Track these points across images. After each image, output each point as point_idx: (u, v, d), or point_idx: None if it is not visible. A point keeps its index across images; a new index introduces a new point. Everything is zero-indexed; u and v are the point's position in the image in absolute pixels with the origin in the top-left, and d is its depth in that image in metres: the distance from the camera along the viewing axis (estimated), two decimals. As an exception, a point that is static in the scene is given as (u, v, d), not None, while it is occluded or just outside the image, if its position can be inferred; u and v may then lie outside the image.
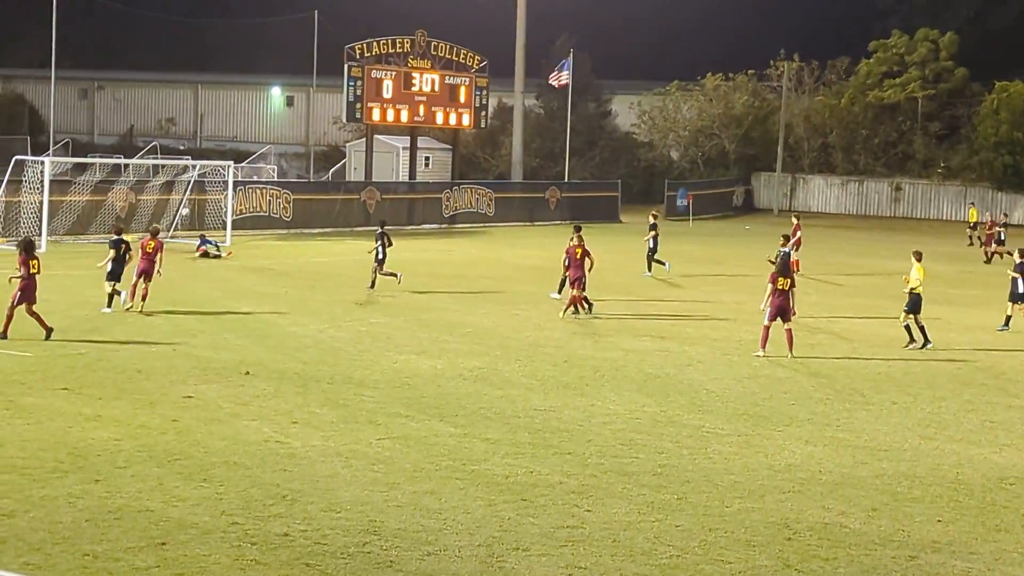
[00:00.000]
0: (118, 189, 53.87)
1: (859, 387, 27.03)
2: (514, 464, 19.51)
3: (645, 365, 28.59)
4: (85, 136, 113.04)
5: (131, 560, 14.64)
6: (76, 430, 20.33)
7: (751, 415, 23.87)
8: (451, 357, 28.43)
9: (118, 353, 27.07)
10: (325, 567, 14.76)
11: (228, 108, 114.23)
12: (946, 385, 27.68)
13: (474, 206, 70.50)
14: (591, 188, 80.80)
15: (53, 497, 16.78)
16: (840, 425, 23.34)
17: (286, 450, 19.73)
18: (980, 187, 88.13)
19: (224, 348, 28.17)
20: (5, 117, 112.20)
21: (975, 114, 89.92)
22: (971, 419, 24.40)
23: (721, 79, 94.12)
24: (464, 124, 74.10)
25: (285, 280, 40.79)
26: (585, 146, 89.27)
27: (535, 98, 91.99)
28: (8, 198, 49.28)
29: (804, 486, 19.02)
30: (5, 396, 22.53)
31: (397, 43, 69.50)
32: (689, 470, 19.66)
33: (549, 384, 25.95)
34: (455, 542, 15.78)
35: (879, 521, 17.45)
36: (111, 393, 23.19)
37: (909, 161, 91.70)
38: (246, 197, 58.77)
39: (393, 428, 21.52)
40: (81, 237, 50.92)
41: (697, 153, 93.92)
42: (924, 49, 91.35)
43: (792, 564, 15.58)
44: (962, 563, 15.96)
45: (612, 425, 22.43)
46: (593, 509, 17.38)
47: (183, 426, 20.94)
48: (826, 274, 49.53)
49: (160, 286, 38.29)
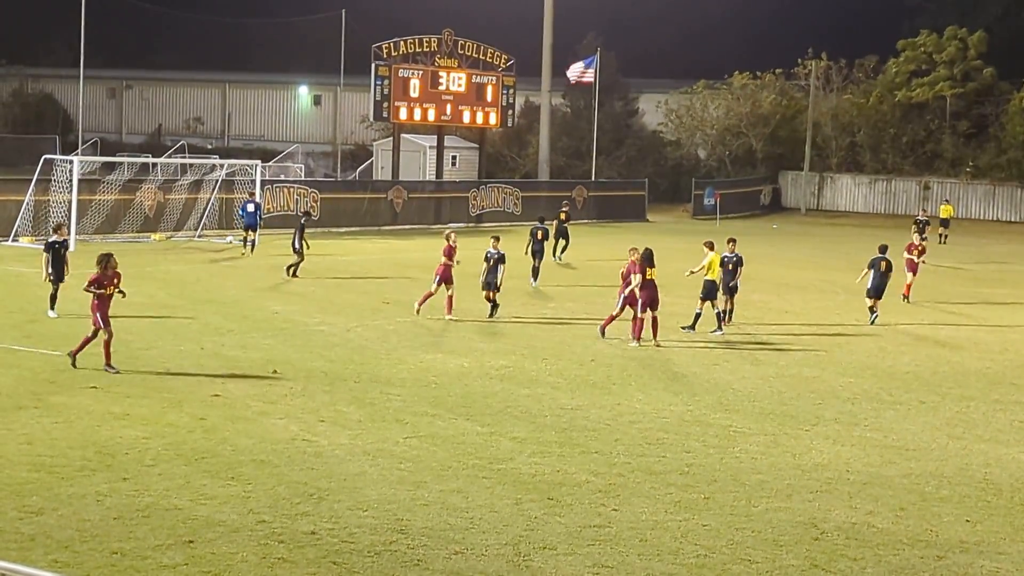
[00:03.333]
0: (146, 188, 54.05)
1: (886, 386, 26.95)
2: (541, 463, 19.51)
3: (672, 364, 28.56)
4: (113, 135, 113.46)
5: (159, 558, 14.68)
6: (104, 428, 20.41)
7: (778, 414, 23.82)
8: (478, 356, 28.44)
9: (147, 352, 27.16)
10: (352, 565, 14.78)
11: (255, 107, 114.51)
12: (975, 384, 27.58)
13: (501, 205, 70.52)
14: (618, 187, 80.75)
15: (81, 495, 16.84)
16: (867, 424, 23.27)
17: (313, 448, 19.76)
18: (1008, 186, 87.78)
19: (252, 347, 28.24)
20: (34, 116, 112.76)
21: (1003, 113, 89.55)
22: (1000, 419, 24.31)
23: (749, 78, 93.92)
24: (491, 123, 74.12)
25: (313, 279, 40.86)
26: (612, 145, 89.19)
27: (562, 97, 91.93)
28: (37, 197, 49.48)
29: (831, 486, 18.97)
30: (34, 395, 22.63)
31: (424, 42, 69.58)
32: (716, 469, 19.63)
33: (576, 383, 25.94)
34: (482, 541, 15.78)
35: (907, 521, 17.40)
36: (139, 392, 23.27)
37: (937, 160, 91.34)
38: (273, 196, 58.92)
39: (420, 427, 21.54)
40: (110, 236, 51.10)
41: (724, 152, 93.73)
42: (953, 48, 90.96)
43: (819, 564, 15.54)
44: (990, 563, 15.89)
45: (639, 424, 22.41)
46: (620, 508, 17.37)
47: (210, 424, 20.99)
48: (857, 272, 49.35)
49: (189, 285, 38.46)
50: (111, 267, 25.20)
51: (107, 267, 25.16)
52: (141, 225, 53.05)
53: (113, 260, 25.30)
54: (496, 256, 33.98)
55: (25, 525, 15.58)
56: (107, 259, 25.28)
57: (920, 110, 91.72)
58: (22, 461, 18.32)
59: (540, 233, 43.42)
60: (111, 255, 25.53)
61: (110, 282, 25.13)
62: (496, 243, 34.38)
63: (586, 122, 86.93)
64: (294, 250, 41.40)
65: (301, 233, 41.37)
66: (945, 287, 45.81)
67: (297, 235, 41.47)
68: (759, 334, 33.24)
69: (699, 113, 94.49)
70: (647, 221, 74.64)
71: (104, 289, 24.96)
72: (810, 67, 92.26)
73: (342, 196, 63.82)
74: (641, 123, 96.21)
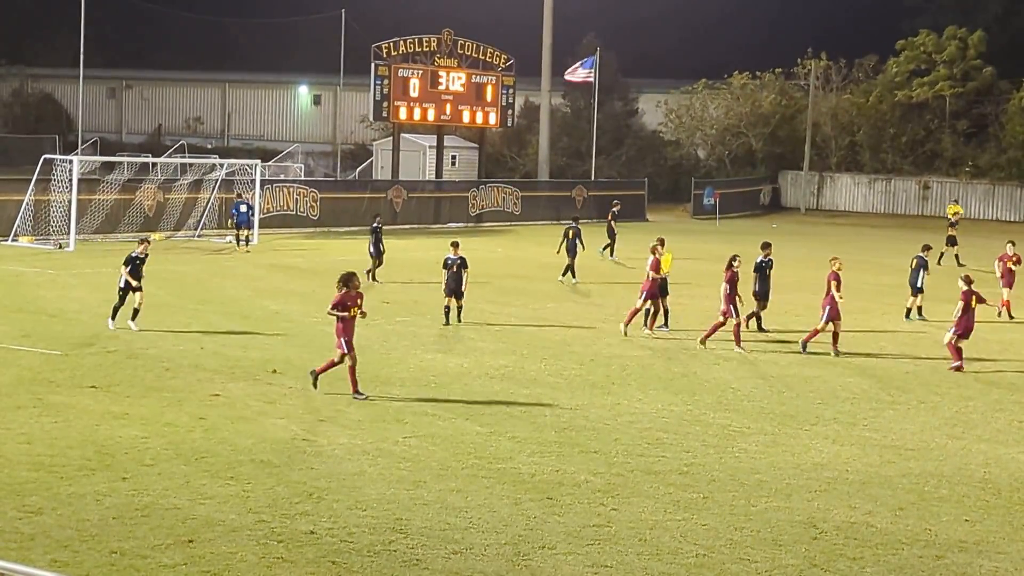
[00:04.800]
0: (146, 188, 54.05)
1: (885, 386, 26.96)
2: (540, 462, 19.52)
3: (671, 364, 28.57)
4: (113, 135, 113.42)
5: (158, 557, 14.69)
6: (104, 428, 20.42)
7: (777, 414, 23.83)
8: (477, 356, 28.46)
9: (146, 351, 27.17)
10: (351, 565, 14.79)
11: (255, 107, 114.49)
12: (974, 385, 27.59)
13: (500, 205, 70.52)
14: (618, 187, 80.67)
15: (81, 495, 16.85)
16: (867, 424, 23.28)
17: (313, 448, 19.77)
18: (1008, 185, 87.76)
19: (252, 346, 28.25)
20: (34, 116, 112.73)
21: (1003, 112, 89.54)
22: (999, 419, 24.31)
23: (748, 78, 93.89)
24: (491, 123, 74.13)
25: (312, 279, 40.86)
26: (612, 145, 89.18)
27: (562, 97, 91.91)
28: (37, 197, 49.49)
29: (831, 485, 18.98)
30: (34, 394, 22.64)
31: (424, 42, 69.58)
32: (715, 469, 19.64)
33: (575, 383, 25.94)
34: (481, 540, 15.79)
35: (906, 520, 17.40)
36: (139, 391, 23.28)
37: (937, 159, 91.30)
38: (273, 196, 58.92)
39: (419, 426, 21.55)
40: (110, 236, 51.12)
41: (724, 152, 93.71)
42: (952, 47, 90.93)
43: (818, 563, 15.55)
44: (989, 563, 15.90)
45: (638, 424, 22.42)
46: (619, 508, 17.38)
47: (210, 424, 21.00)
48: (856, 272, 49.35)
49: (188, 285, 38.47)
50: (353, 287, 23.46)
51: (349, 287, 23.45)
52: (141, 225, 53.01)
53: (356, 280, 23.62)
54: (458, 262, 32.84)
55: (24, 524, 15.59)
56: (350, 279, 23.52)
57: (920, 110, 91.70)
58: (21, 461, 18.34)
59: (571, 232, 43.79)
60: (354, 274, 23.83)
61: (353, 303, 23.40)
62: (456, 249, 33.17)
63: (586, 122, 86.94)
64: (370, 254, 41.04)
65: (376, 237, 40.94)
66: (945, 287, 45.76)
67: (372, 239, 41.12)
68: (758, 334, 33.21)
69: (699, 113, 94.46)
70: (647, 221, 74.61)
71: (347, 311, 23.33)
72: (810, 67, 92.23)
73: (342, 196, 63.81)
74: (641, 123, 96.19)
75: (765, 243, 34.21)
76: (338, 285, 23.56)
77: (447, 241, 34.67)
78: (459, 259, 32.99)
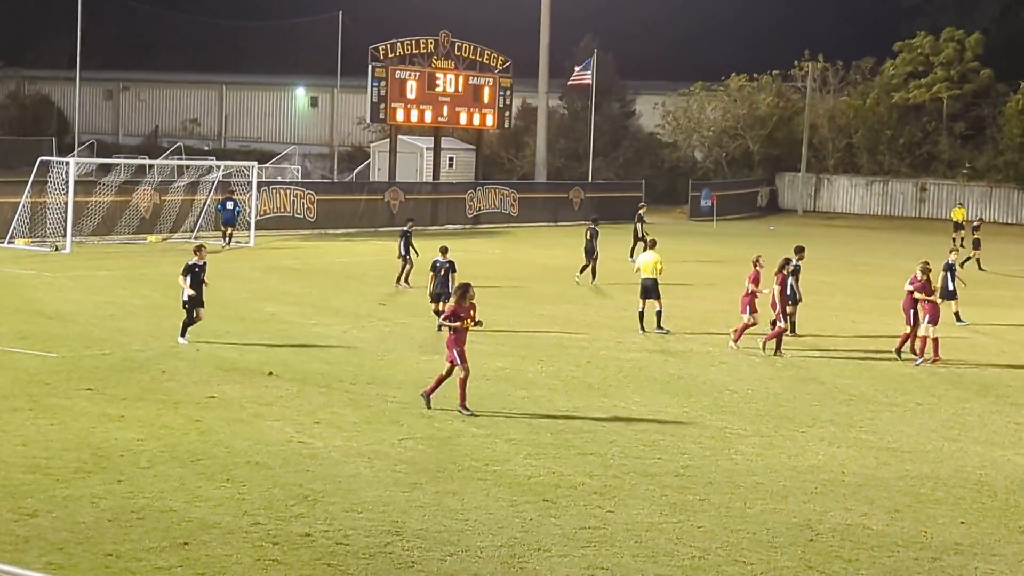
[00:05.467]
0: (143, 190, 54.04)
1: (882, 388, 26.95)
2: (536, 465, 19.51)
3: (668, 366, 28.57)
4: (110, 137, 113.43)
5: (153, 560, 14.67)
6: (99, 430, 20.40)
7: (774, 416, 23.83)
8: (475, 357, 28.31)
9: (142, 354, 27.15)
10: (347, 567, 14.77)
11: (252, 109, 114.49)
12: (971, 387, 27.59)
13: (498, 206, 70.53)
14: (615, 188, 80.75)
15: (76, 497, 16.83)
16: (863, 426, 23.27)
17: (309, 450, 19.76)
18: (1005, 188, 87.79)
19: (248, 349, 28.23)
20: (31, 118, 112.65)
21: (1000, 114, 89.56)
22: (995, 421, 24.31)
23: (745, 80, 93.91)
24: (488, 124, 74.15)
25: (309, 280, 40.86)
26: (609, 146, 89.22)
27: (559, 98, 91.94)
28: (34, 199, 49.47)
29: (827, 487, 18.97)
30: (30, 396, 22.62)
31: (421, 44, 69.59)
32: (712, 471, 19.63)
33: (572, 385, 25.94)
34: (477, 543, 15.78)
35: (902, 523, 17.40)
36: (135, 393, 23.26)
37: (934, 162, 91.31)
38: (270, 197, 58.91)
39: (416, 428, 21.53)
40: (106, 238, 51.11)
41: (721, 153, 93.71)
42: (950, 49, 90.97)
43: (814, 565, 15.54)
44: (985, 565, 15.90)
45: (635, 426, 22.41)
46: (615, 510, 17.37)
47: (206, 426, 20.99)
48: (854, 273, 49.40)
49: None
50: (468, 298, 23.02)
51: (464, 298, 23.03)
52: (137, 227, 53.03)
53: (471, 291, 23.15)
54: (446, 265, 32.61)
55: (20, 527, 15.57)
56: (465, 290, 23.16)
57: (917, 112, 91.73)
58: (17, 463, 18.31)
59: (589, 233, 43.85)
60: (469, 285, 23.38)
61: (467, 314, 22.93)
62: (444, 253, 32.89)
63: (583, 124, 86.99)
64: (402, 258, 40.13)
65: (407, 240, 40.08)
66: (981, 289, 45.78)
67: (403, 242, 40.18)
68: (755, 335, 33.20)
69: (696, 115, 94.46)
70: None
71: (461, 322, 22.84)
72: (807, 69, 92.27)
73: (339, 198, 63.81)
74: (638, 125, 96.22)
75: (799, 247, 33.61)
76: (454, 295, 23.41)
77: (445, 243, 34.61)
78: (447, 263, 32.70)
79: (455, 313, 22.95)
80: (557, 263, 49.64)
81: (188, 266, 29.03)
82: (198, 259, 29.29)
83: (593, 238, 43.75)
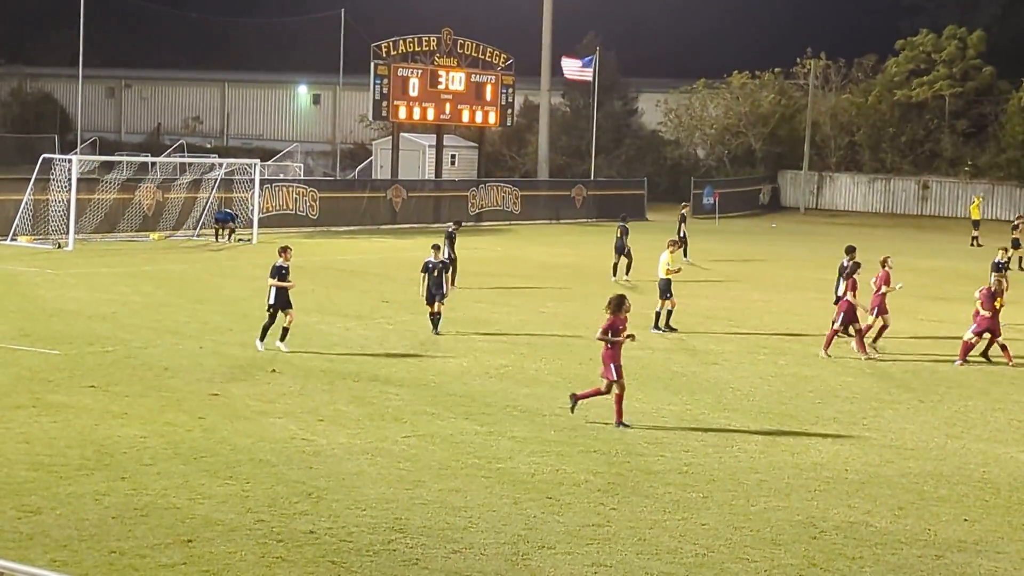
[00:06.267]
0: (145, 187, 54.02)
1: (885, 385, 26.95)
2: (540, 462, 19.51)
3: (671, 363, 28.56)
4: (112, 134, 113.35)
5: (157, 557, 14.68)
6: (103, 428, 20.41)
7: (777, 414, 23.83)
8: (477, 355, 28.45)
9: (145, 351, 27.16)
10: (350, 564, 14.78)
11: (255, 106, 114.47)
12: (973, 384, 27.58)
13: (500, 204, 70.49)
14: (617, 186, 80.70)
15: (80, 494, 16.84)
16: (866, 424, 23.27)
17: (312, 448, 19.76)
18: (1008, 185, 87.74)
19: (251, 346, 28.20)
20: (33, 116, 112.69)
21: (1002, 112, 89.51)
22: (998, 418, 24.31)
23: (748, 77, 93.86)
24: (490, 122, 74.09)
25: (312, 278, 40.84)
26: (611, 144, 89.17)
27: (561, 96, 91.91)
28: (36, 196, 49.47)
29: (830, 485, 18.97)
30: (33, 394, 22.63)
31: (423, 41, 69.53)
32: (715, 468, 19.63)
33: (576, 382, 25.89)
34: (480, 540, 15.78)
35: (905, 520, 17.40)
36: (138, 391, 23.27)
37: (936, 159, 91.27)
38: (272, 195, 58.90)
39: (419, 426, 21.54)
40: (109, 235, 51.12)
41: (723, 151, 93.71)
42: (952, 47, 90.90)
43: (817, 563, 15.55)
44: (988, 562, 15.90)
45: (638, 423, 22.39)
46: (619, 507, 17.37)
47: (209, 424, 20.99)
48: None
49: (187, 285, 38.46)
50: (625, 310, 22.29)
51: (620, 310, 22.24)
52: (140, 224, 53.03)
53: (627, 303, 22.38)
54: (440, 266, 32.01)
55: (24, 524, 15.58)
56: (621, 302, 22.29)
57: (919, 109, 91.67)
58: (20, 460, 18.33)
59: (620, 231, 44.06)
60: (624, 297, 22.47)
61: (623, 327, 22.31)
62: (436, 252, 32.16)
63: (585, 121, 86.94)
64: (450, 260, 38.56)
65: (451, 242, 39.27)
66: (945, 286, 45.83)
67: (447, 244, 38.86)
68: (758, 333, 33.23)
69: (698, 112, 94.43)
70: (646, 220, 74.57)
71: (618, 336, 22.22)
72: (809, 66, 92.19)
73: (341, 195, 63.79)
74: (640, 122, 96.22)
75: (850, 246, 32.99)
76: (608, 308, 22.32)
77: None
78: (440, 263, 32.10)
79: (613, 326, 22.13)
80: (559, 261, 49.64)
81: (275, 268, 28.70)
82: (284, 260, 28.84)
83: (624, 235, 43.81)
